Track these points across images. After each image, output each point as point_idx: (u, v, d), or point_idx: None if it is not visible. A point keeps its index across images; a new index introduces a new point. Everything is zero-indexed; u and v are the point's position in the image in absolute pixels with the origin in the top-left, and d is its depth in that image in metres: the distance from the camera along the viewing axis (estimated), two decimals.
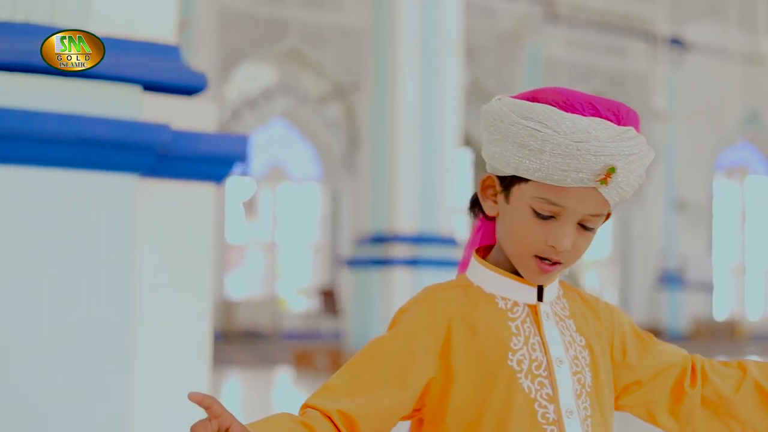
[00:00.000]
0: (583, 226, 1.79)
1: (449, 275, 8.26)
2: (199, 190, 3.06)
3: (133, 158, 2.86)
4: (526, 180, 1.78)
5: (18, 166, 2.81)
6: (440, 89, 12.59)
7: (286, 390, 12.39)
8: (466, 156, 22.39)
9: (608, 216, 1.86)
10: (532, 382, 1.81)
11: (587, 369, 1.86)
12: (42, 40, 2.87)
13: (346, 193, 22.16)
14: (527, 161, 1.74)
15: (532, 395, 1.80)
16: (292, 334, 21.26)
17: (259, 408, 10.44)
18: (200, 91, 3.10)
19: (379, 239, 12.52)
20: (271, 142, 22.33)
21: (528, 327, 1.84)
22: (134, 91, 2.92)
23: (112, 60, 2.93)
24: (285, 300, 22.70)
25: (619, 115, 1.74)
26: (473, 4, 20.56)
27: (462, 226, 13.94)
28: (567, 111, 1.73)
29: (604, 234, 26.34)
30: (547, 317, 1.86)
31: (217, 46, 19.87)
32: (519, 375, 1.80)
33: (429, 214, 12.41)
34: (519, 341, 1.82)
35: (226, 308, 20.57)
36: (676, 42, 25.06)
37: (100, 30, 3.01)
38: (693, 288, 25.90)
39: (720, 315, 27.25)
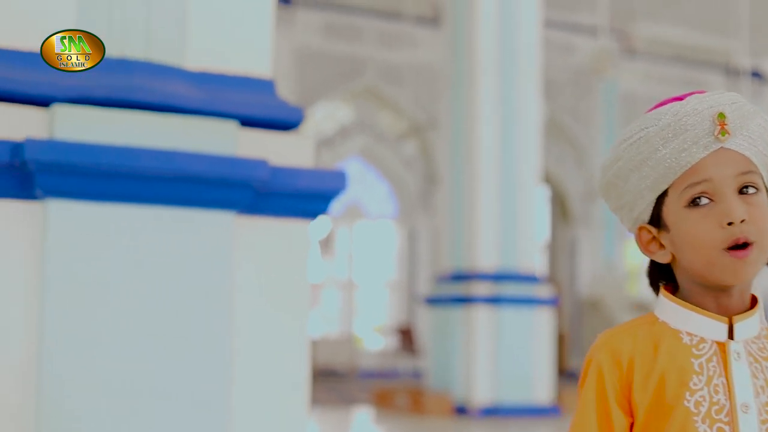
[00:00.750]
0: (744, 192, 1.65)
1: (530, 313, 8.21)
2: (297, 227, 2.99)
3: (231, 195, 2.80)
4: (665, 194, 1.69)
5: (114, 204, 2.76)
6: (519, 125, 12.51)
7: (366, 429, 12.28)
8: (545, 192, 22.22)
9: None
10: (710, 427, 1.66)
11: None
12: (139, 77, 2.83)
13: (423, 231, 22.09)
14: (653, 172, 1.68)
15: None
16: (369, 372, 21.16)
17: None
18: (297, 125, 3.04)
19: (459, 277, 12.41)
20: (348, 180, 22.30)
21: (713, 366, 1.69)
22: (231, 127, 2.86)
23: (209, 95, 2.88)
24: (361, 338, 22.63)
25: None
26: (549, 40, 20.49)
27: (542, 264, 13.78)
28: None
29: None
30: (738, 357, 1.69)
31: (293, 84, 19.94)
32: (696, 418, 1.66)
33: (509, 251, 12.29)
34: (700, 381, 1.68)
35: None
36: (756, 75, 24.74)
37: (195, 65, 2.96)
38: None
39: None
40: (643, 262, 1.79)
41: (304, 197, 2.95)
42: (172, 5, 2.97)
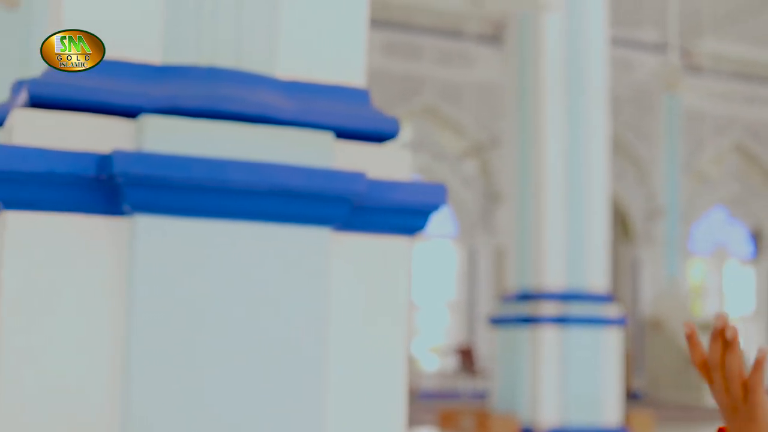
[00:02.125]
0: None
1: (598, 333, 7.98)
2: (395, 244, 2.83)
3: (327, 210, 2.65)
4: None
5: (205, 219, 2.62)
6: (586, 143, 12.33)
7: None
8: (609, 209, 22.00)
9: None
10: None
11: None
12: (229, 87, 2.70)
13: (483, 250, 21.90)
14: None
15: None
16: (430, 393, 20.98)
17: None
18: (393, 137, 2.88)
19: (525, 296, 12.22)
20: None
21: None
22: (326, 138, 2.71)
23: (303, 105, 2.74)
24: (419, 359, 22.46)
25: None
26: (611, 56, 20.27)
27: (605, 283, 13.56)
28: None
29: (748, 290, 25.58)
30: None
31: None
32: None
33: (577, 271, 12.10)
34: None
35: None
36: None
37: (287, 74, 2.83)
38: None
39: None
40: (700, 281, 1.63)
41: (402, 212, 2.80)
42: (262, 13, 2.83)
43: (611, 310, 12.15)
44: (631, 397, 21.64)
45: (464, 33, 19.48)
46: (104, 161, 2.54)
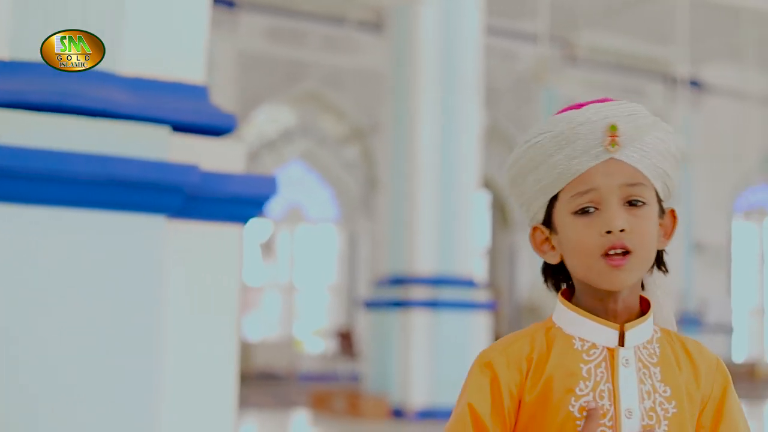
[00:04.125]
0: (631, 204, 1.70)
1: (467, 317, 8.29)
2: (228, 232, 3.04)
3: (161, 199, 2.85)
4: (556, 198, 1.74)
5: (46, 207, 2.80)
6: (459, 131, 12.60)
7: None
8: (485, 198, 22.37)
9: (674, 220, 1.80)
10: None
11: (665, 422, 1.73)
12: (73, 82, 2.88)
13: (364, 235, 22.15)
14: (546, 176, 1.74)
15: None
16: (309, 375, 21.19)
17: None
18: (229, 131, 3.09)
19: (398, 281, 12.48)
20: (289, 183, 22.37)
21: (601, 372, 1.73)
22: (163, 132, 2.91)
23: (142, 101, 2.93)
24: (301, 342, 22.66)
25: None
26: (491, 47, 20.60)
27: (480, 268, 13.90)
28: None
29: None
30: (626, 363, 1.73)
31: (236, 88, 19.94)
32: (579, 423, 1.70)
33: (447, 256, 12.37)
34: (586, 386, 1.72)
35: (243, 350, 20.51)
36: (695, 84, 25.06)
37: (129, 70, 3.01)
38: (712, 330, 25.74)
39: (739, 357, 27.08)
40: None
41: (235, 202, 3.01)
42: (107, 11, 3.01)
43: (481, 295, 12.47)
44: None
45: (347, 19, 19.67)
46: None
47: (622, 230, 1.68)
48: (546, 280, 1.86)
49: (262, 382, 19.98)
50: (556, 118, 1.75)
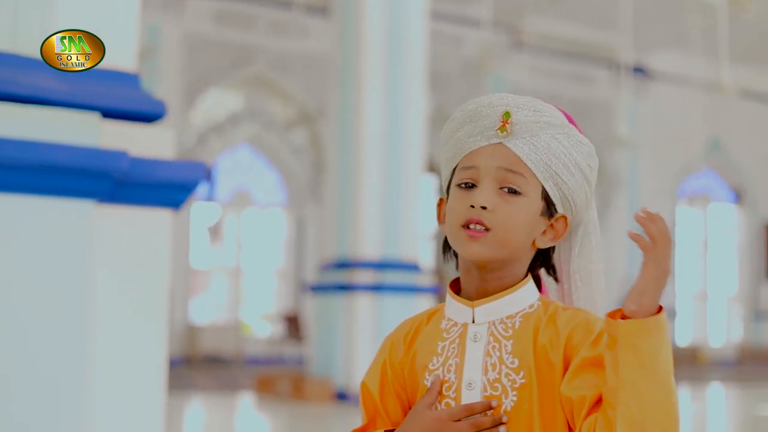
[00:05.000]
0: (507, 190, 1.81)
1: (412, 301, 8.37)
2: (157, 216, 3.10)
3: (90, 184, 2.91)
4: (455, 171, 1.88)
5: None
6: (404, 116, 12.66)
7: (248, 415, 12.38)
8: (431, 183, 22.46)
9: (565, 227, 1.88)
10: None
11: (513, 393, 1.80)
12: (4, 69, 2.92)
13: (311, 219, 22.18)
14: (451, 150, 1.88)
15: None
16: (256, 359, 21.23)
17: None
18: (160, 118, 3.15)
19: (343, 265, 12.55)
20: (237, 167, 22.37)
21: (453, 348, 1.85)
22: (93, 119, 2.96)
23: (73, 88, 2.98)
24: (249, 325, 22.67)
25: None
26: (439, 32, 20.67)
27: (425, 253, 13.99)
28: None
29: None
30: (475, 338, 1.84)
31: (183, 71, 19.91)
32: None
33: (392, 241, 12.45)
34: (438, 361, 1.85)
35: (190, 333, 20.54)
36: (640, 70, 25.28)
37: None
38: None
39: (682, 341, 27.40)
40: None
41: (163, 187, 3.06)
42: None
43: (425, 279, 12.57)
44: None
45: (295, 3, 19.66)
46: None
47: (484, 207, 1.79)
48: (444, 252, 1.98)
49: (208, 365, 20.01)
50: (472, 100, 1.89)
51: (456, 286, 1.94)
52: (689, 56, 22.78)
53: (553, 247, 1.94)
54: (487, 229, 1.80)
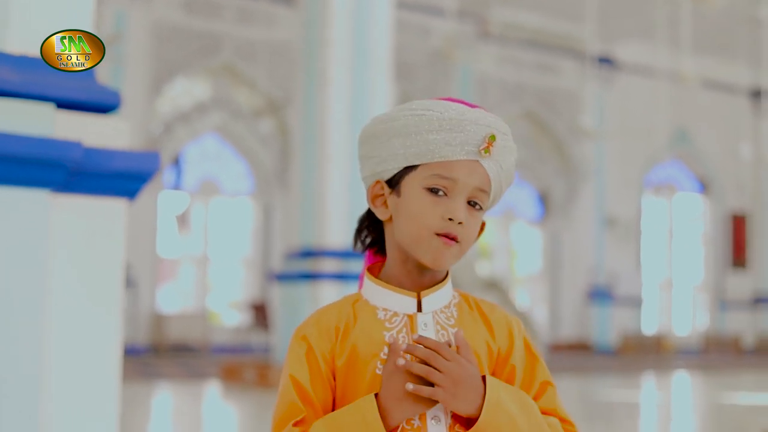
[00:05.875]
0: (472, 205, 1.91)
1: None
2: (112, 205, 3.13)
3: (45, 174, 2.93)
4: (414, 167, 1.92)
5: None
6: (370, 105, 12.70)
7: (214, 403, 12.41)
8: None
9: (482, 228, 2.00)
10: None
11: None
12: None
13: (278, 208, 22.19)
14: (415, 147, 1.90)
15: None
16: (223, 347, 21.25)
17: (188, 422, 10.47)
18: (115, 109, 3.18)
19: (308, 254, 12.59)
20: (204, 156, 22.34)
21: (403, 337, 1.92)
22: (47, 109, 2.99)
23: (26, 78, 3.00)
24: (216, 314, 22.68)
25: None
26: (406, 22, 20.70)
27: None
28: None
29: (535, 250, 26.59)
30: (425, 327, 1.93)
31: (150, 59, 19.87)
32: None
33: None
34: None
35: (157, 321, 20.54)
36: (606, 61, 25.40)
37: (15, 48, 3.08)
38: (622, 303, 26.23)
39: (648, 330, 27.60)
40: (488, 241, 2.01)
41: (118, 177, 3.09)
42: None
43: None
44: None
45: None
46: None
47: (460, 223, 1.89)
48: (360, 231, 2.07)
49: (175, 353, 20.02)
50: (445, 104, 1.93)
51: (375, 275, 2.01)
52: (655, 47, 22.92)
53: None
54: (457, 241, 1.90)
